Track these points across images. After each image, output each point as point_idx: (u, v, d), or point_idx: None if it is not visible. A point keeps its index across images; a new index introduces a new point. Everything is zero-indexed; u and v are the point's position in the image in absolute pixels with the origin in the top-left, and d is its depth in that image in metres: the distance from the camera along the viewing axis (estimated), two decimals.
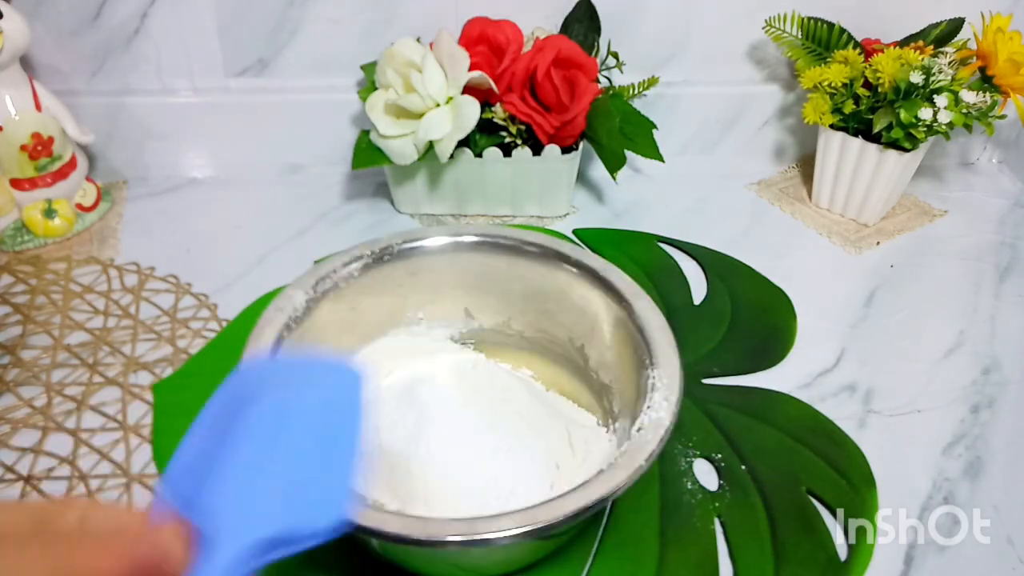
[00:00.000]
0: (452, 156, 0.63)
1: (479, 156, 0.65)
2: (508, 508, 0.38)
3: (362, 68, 0.68)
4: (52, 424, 0.49)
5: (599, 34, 0.69)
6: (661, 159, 0.66)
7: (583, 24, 0.69)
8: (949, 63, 0.64)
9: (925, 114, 0.61)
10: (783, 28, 0.69)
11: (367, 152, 0.64)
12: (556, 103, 0.63)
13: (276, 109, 0.72)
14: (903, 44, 0.66)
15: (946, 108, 0.61)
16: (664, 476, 0.47)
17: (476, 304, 0.51)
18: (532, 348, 0.51)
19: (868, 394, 0.53)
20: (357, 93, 0.68)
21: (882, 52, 0.64)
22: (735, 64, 0.74)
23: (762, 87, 0.76)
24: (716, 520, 0.45)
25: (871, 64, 0.64)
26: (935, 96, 0.62)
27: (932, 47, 0.67)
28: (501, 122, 0.64)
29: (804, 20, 0.69)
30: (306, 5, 0.67)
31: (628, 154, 0.65)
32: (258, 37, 0.69)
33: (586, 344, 0.48)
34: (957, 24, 0.68)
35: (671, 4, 0.70)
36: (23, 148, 0.62)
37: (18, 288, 0.60)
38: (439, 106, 0.61)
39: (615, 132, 0.63)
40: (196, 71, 0.70)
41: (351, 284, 0.47)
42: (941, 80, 0.62)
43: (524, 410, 0.46)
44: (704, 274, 0.64)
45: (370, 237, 0.49)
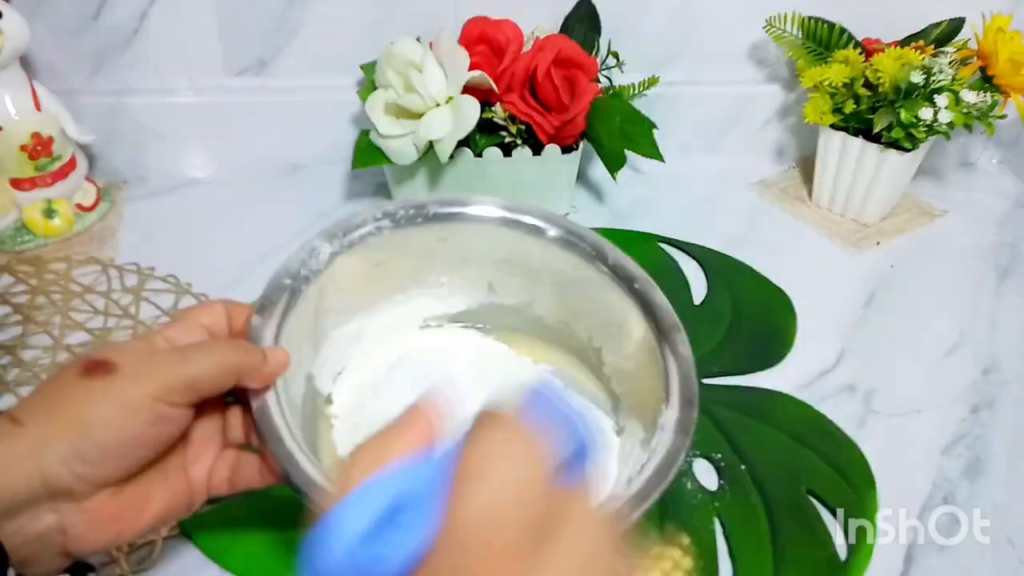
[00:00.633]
0: (452, 156, 0.63)
1: (479, 156, 0.64)
2: None
3: (362, 68, 0.68)
4: None
5: (599, 34, 0.69)
6: (661, 159, 0.66)
7: (583, 24, 0.68)
8: (950, 63, 0.64)
9: (925, 114, 0.61)
10: (784, 28, 0.69)
11: (367, 152, 0.63)
12: (556, 103, 0.63)
13: (276, 109, 0.72)
14: (904, 44, 0.66)
15: (946, 108, 0.61)
16: None
17: (501, 280, 0.50)
18: (549, 336, 0.50)
19: (868, 394, 0.53)
20: (357, 93, 0.68)
21: (883, 52, 0.64)
22: (735, 64, 0.74)
23: (762, 87, 0.76)
24: (716, 520, 0.45)
25: (872, 64, 0.64)
26: (935, 96, 0.62)
27: (933, 47, 0.67)
28: (501, 122, 0.64)
29: (805, 20, 0.69)
30: (306, 5, 0.67)
31: (628, 154, 0.65)
32: (258, 37, 0.69)
33: (604, 348, 0.47)
34: (958, 24, 0.68)
35: (671, 4, 0.70)
36: (23, 148, 0.62)
37: (18, 288, 0.59)
38: (439, 106, 0.61)
39: (615, 132, 0.63)
40: (196, 71, 0.70)
41: (379, 240, 0.46)
42: (942, 80, 0.62)
43: None
44: (704, 274, 0.64)
45: None
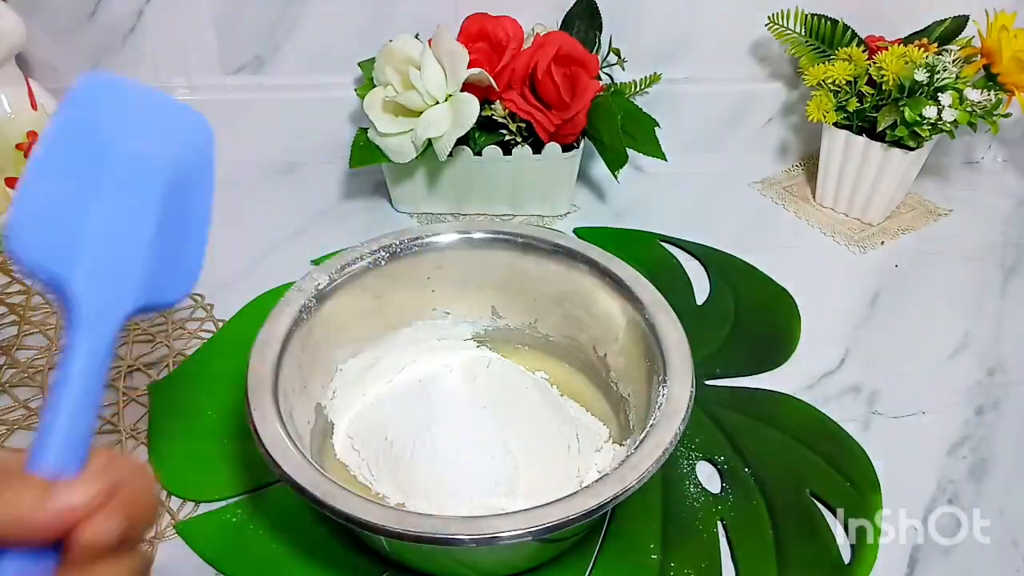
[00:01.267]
0: (451, 154, 0.62)
1: (478, 154, 0.64)
2: (511, 508, 0.38)
3: (360, 65, 0.68)
4: None
5: (600, 30, 0.68)
6: (663, 157, 0.66)
7: (584, 20, 0.68)
8: (953, 61, 0.63)
9: (929, 112, 0.61)
10: (786, 25, 0.69)
11: (365, 150, 0.63)
12: (557, 100, 0.62)
13: (273, 107, 0.71)
14: (907, 42, 0.66)
15: (950, 106, 0.61)
16: (667, 479, 0.46)
17: (503, 303, 0.51)
18: (556, 352, 0.51)
19: (872, 395, 0.53)
20: (355, 90, 0.68)
21: (886, 49, 0.63)
22: (738, 61, 0.74)
23: (765, 84, 0.75)
24: (719, 523, 0.44)
25: (875, 62, 0.63)
26: (939, 94, 0.61)
27: (936, 45, 0.66)
28: (501, 120, 0.63)
29: (808, 17, 0.69)
30: (304, 2, 0.67)
31: (630, 152, 0.64)
32: (255, 34, 0.68)
33: (609, 354, 0.47)
34: (961, 22, 0.68)
35: (673, 0, 0.70)
36: (18, 147, 0.62)
37: (14, 288, 0.59)
38: (438, 103, 0.60)
39: (617, 130, 0.63)
40: (193, 69, 0.69)
41: (377, 272, 0.47)
42: (945, 78, 0.62)
43: (534, 412, 0.46)
44: (707, 274, 0.63)
45: (368, 236, 0.48)
